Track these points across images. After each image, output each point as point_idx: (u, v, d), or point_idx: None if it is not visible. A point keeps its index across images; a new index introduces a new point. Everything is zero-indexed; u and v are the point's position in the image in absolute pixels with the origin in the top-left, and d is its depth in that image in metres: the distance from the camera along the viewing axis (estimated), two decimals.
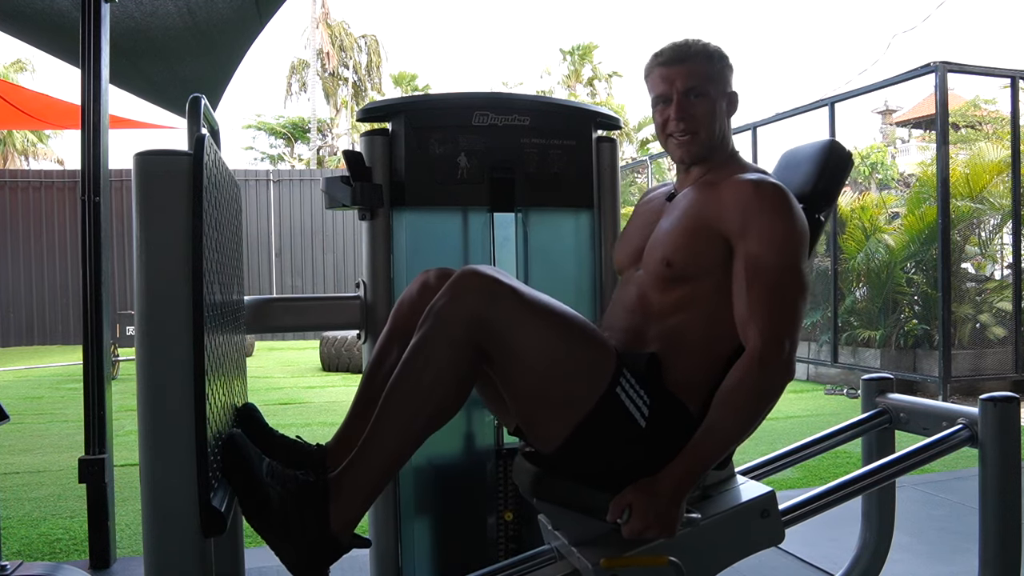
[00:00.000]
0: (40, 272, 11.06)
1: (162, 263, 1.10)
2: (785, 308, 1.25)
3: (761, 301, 1.25)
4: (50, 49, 4.06)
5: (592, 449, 1.26)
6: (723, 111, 1.41)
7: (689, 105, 1.37)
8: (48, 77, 48.76)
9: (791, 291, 1.26)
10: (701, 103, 1.37)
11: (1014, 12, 54.26)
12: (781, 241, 1.27)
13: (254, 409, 1.50)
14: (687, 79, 1.37)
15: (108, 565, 2.41)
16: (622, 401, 1.25)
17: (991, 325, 6.00)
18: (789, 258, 1.27)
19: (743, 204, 1.29)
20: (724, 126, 1.41)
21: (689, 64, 1.37)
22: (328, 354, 7.83)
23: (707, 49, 1.39)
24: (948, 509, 2.88)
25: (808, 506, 1.41)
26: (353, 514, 1.24)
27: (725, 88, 1.41)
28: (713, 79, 1.38)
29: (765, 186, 1.30)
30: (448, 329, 1.21)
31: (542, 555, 1.42)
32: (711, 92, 1.38)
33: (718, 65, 1.39)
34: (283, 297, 1.95)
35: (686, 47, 1.39)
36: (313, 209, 11.67)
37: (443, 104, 1.85)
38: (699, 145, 1.39)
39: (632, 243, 1.48)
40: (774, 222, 1.27)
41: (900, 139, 20.11)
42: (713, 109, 1.38)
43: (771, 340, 1.23)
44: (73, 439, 4.41)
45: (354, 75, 24.57)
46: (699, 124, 1.38)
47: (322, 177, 10.25)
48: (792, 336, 1.25)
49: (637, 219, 1.53)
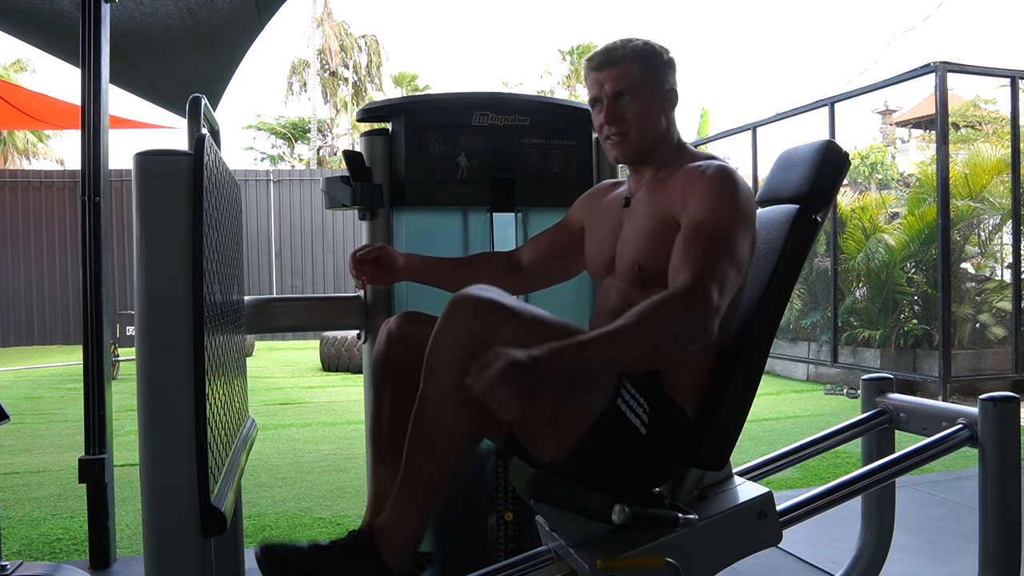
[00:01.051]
0: (40, 272, 11.05)
1: (162, 263, 1.11)
2: (717, 266, 1.22)
3: (695, 255, 1.24)
4: (50, 49, 4.07)
5: (594, 459, 1.26)
6: (659, 109, 1.40)
7: (618, 108, 1.38)
8: (48, 77, 48.76)
9: (724, 254, 1.24)
10: (631, 105, 1.38)
11: (1014, 12, 54.24)
12: (718, 209, 1.27)
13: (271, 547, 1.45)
14: (616, 83, 1.38)
15: (108, 565, 2.41)
16: (623, 412, 1.25)
17: (991, 325, 6.00)
18: (724, 227, 1.25)
19: (688, 187, 1.31)
20: (661, 124, 1.41)
21: (617, 67, 1.38)
22: (328, 354, 7.83)
23: (637, 50, 1.38)
24: (948, 509, 2.88)
25: (807, 506, 1.41)
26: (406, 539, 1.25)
27: (660, 86, 1.40)
28: (645, 79, 1.38)
29: (710, 169, 1.31)
30: (453, 355, 1.19)
31: (540, 556, 1.42)
32: (643, 93, 1.38)
33: (650, 64, 1.39)
34: (283, 297, 1.95)
35: (614, 50, 1.39)
36: (313, 209, 11.67)
37: (443, 104, 1.85)
38: (630, 146, 1.40)
39: (602, 251, 1.48)
40: (712, 193, 1.28)
41: (900, 139, 20.10)
42: (645, 109, 1.38)
43: (700, 283, 1.20)
44: (73, 439, 4.41)
45: (354, 75, 24.57)
46: (629, 126, 1.38)
47: (322, 177, 10.24)
48: (720, 291, 1.21)
49: (598, 225, 1.52)
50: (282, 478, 3.53)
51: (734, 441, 1.34)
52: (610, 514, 1.17)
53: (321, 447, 4.21)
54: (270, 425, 4.82)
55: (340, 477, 3.54)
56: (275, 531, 2.76)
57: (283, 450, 4.14)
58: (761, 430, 4.51)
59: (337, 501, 3.14)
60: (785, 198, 1.44)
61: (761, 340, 1.35)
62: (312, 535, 2.72)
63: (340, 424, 4.89)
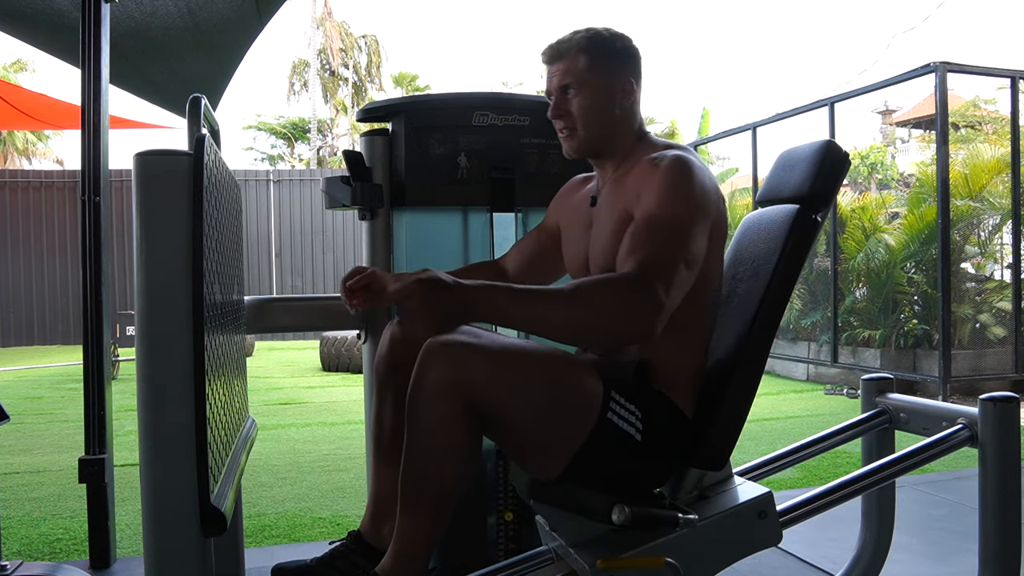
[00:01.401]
0: (40, 272, 11.05)
1: (162, 263, 1.11)
2: (666, 261, 1.17)
3: (643, 246, 1.20)
4: (50, 49, 4.07)
5: (592, 471, 1.25)
6: (612, 101, 1.36)
7: (564, 102, 1.37)
8: (48, 77, 48.77)
9: (674, 248, 1.19)
10: (577, 98, 1.35)
11: (1014, 12, 54.22)
12: (671, 202, 1.22)
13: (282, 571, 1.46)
14: (562, 76, 1.36)
15: (108, 565, 2.41)
16: (616, 424, 1.24)
17: (991, 325, 6.00)
18: (677, 220, 1.21)
19: (642, 180, 1.28)
20: (613, 116, 1.37)
21: (563, 61, 1.36)
22: (328, 354, 7.83)
23: (582, 41, 1.35)
24: (948, 509, 2.88)
25: (807, 506, 1.41)
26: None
27: (612, 77, 1.36)
28: (594, 71, 1.35)
29: (664, 160, 1.27)
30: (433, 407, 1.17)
31: (540, 556, 1.42)
32: (588, 85, 1.35)
33: (597, 55, 1.35)
34: (283, 297, 1.95)
35: (560, 44, 1.37)
36: (313, 209, 11.67)
37: (443, 104, 1.85)
38: (579, 140, 1.37)
39: (578, 253, 1.46)
40: (666, 185, 1.24)
41: (900, 139, 20.10)
42: (592, 103, 1.35)
43: (645, 276, 1.15)
44: (73, 439, 4.41)
45: (354, 75, 24.57)
46: (575, 120, 1.36)
47: (322, 177, 10.24)
48: (667, 289, 1.15)
49: (571, 226, 1.50)
50: (282, 478, 3.53)
51: (734, 441, 1.34)
52: (610, 514, 1.17)
53: (321, 447, 4.21)
54: (270, 425, 4.82)
55: (340, 477, 3.54)
56: (275, 531, 2.76)
57: (283, 450, 4.14)
58: (761, 430, 4.51)
59: (337, 501, 3.14)
60: (785, 198, 1.44)
61: (761, 340, 1.35)
62: (312, 535, 2.72)
63: (340, 424, 4.89)
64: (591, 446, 1.23)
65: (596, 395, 1.23)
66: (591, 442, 1.23)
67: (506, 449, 1.33)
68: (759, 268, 1.38)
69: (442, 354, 1.16)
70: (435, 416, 1.17)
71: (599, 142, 1.38)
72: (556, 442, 1.24)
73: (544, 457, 1.26)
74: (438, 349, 1.17)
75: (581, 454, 1.23)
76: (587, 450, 1.23)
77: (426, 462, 1.20)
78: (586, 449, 1.23)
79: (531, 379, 1.20)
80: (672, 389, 1.31)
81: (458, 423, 1.18)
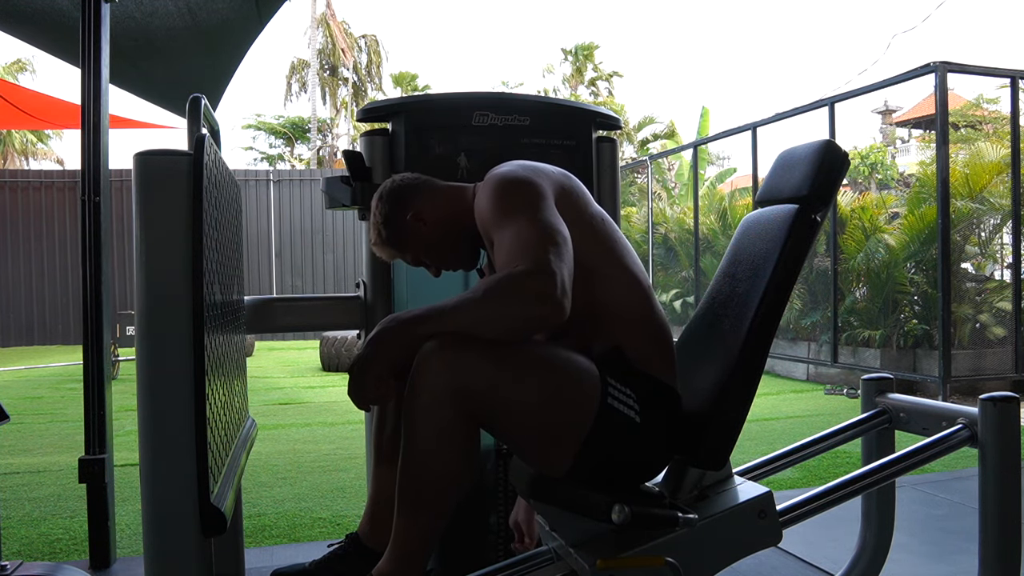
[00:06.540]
0: (40, 272, 11.06)
1: (162, 263, 1.11)
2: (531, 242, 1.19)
3: (508, 248, 1.21)
4: (50, 49, 4.07)
5: (599, 460, 1.26)
6: (419, 235, 1.46)
7: (420, 265, 1.52)
8: (48, 77, 48.79)
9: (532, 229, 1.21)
10: (409, 255, 1.50)
11: (1014, 12, 54.19)
12: (502, 202, 1.27)
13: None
14: (394, 255, 1.52)
15: (108, 565, 2.41)
16: (617, 409, 1.25)
17: (991, 325, 6.00)
18: (519, 211, 1.24)
19: (479, 214, 1.35)
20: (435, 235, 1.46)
21: (383, 249, 1.51)
22: (328, 354, 7.83)
23: (378, 226, 1.49)
24: (948, 509, 2.88)
25: (807, 506, 1.41)
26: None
27: (404, 226, 1.47)
28: (392, 238, 1.48)
29: (480, 188, 1.37)
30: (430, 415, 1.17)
31: (540, 556, 1.42)
32: (407, 246, 1.48)
33: (385, 226, 1.48)
34: (283, 297, 1.95)
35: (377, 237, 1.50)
36: (313, 209, 11.68)
37: (443, 104, 1.85)
38: (453, 265, 1.52)
39: None
40: (494, 201, 1.29)
41: (900, 139, 20.11)
42: (421, 249, 1.48)
43: (525, 259, 1.16)
44: (73, 439, 4.41)
45: (354, 75, 24.57)
46: (435, 267, 1.51)
47: (322, 177, 10.24)
48: (559, 268, 1.16)
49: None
50: (282, 478, 3.53)
51: (734, 440, 1.34)
52: (610, 513, 1.17)
53: (321, 447, 4.21)
54: (270, 425, 4.82)
55: (340, 477, 3.54)
56: (275, 531, 2.76)
57: (283, 450, 4.14)
58: (761, 430, 4.51)
59: (337, 501, 3.14)
60: (785, 198, 1.44)
61: (761, 339, 1.34)
62: (312, 535, 2.72)
63: (340, 424, 4.89)
64: (596, 434, 1.24)
65: (594, 380, 1.24)
66: (595, 430, 1.23)
67: (512, 448, 1.34)
68: (758, 268, 1.38)
69: (438, 361, 1.16)
70: (432, 424, 1.18)
71: (448, 249, 1.49)
72: (562, 435, 1.24)
73: (551, 452, 1.26)
74: (433, 355, 1.17)
75: (587, 444, 1.24)
76: (592, 439, 1.24)
77: (423, 468, 1.21)
78: (592, 438, 1.23)
79: (530, 375, 1.21)
80: (646, 363, 1.32)
81: (455, 430, 1.18)
